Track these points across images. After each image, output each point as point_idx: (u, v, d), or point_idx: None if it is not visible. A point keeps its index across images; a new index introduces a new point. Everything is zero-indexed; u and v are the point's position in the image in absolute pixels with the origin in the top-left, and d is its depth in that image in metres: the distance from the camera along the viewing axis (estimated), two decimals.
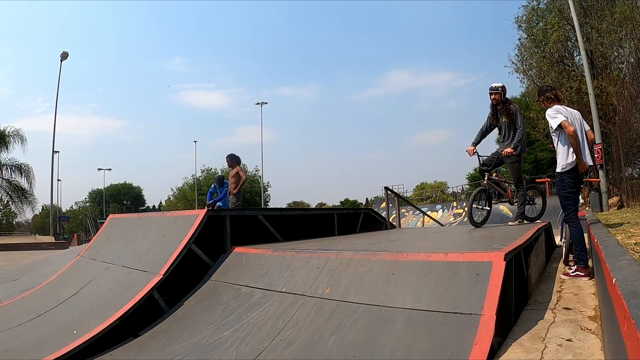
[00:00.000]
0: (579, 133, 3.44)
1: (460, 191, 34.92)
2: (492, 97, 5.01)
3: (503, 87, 5.01)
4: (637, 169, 11.74)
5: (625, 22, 15.38)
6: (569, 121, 3.39)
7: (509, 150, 4.79)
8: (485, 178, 4.99)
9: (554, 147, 3.60)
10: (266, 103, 44.14)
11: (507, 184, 5.47)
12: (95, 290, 3.87)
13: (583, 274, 3.43)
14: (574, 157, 3.39)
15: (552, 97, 3.62)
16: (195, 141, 48.82)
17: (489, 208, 5.11)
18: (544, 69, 19.38)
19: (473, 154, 5.05)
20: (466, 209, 5.44)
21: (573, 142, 3.34)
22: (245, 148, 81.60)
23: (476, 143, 5.13)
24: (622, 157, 11.94)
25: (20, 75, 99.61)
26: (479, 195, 5.09)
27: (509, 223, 5.35)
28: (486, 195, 5.05)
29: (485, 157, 5.09)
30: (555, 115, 3.41)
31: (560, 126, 3.39)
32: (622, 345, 1.18)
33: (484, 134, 5.20)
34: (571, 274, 3.50)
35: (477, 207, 5.02)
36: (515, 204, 5.23)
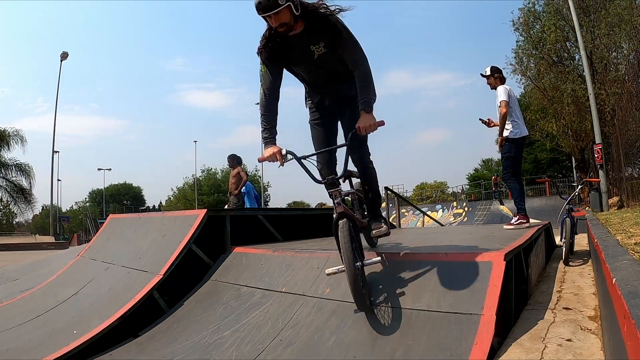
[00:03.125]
0: (517, 111, 4.39)
1: (460, 191, 34.94)
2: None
3: None
4: (637, 169, 11.71)
5: (620, 24, 15.39)
6: (509, 103, 4.29)
7: (372, 122, 2.34)
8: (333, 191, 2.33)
9: (498, 116, 4.42)
10: None
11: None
12: (95, 290, 3.87)
13: (525, 220, 4.30)
14: (517, 130, 4.34)
15: (503, 77, 4.56)
16: (195, 141, 48.85)
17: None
18: (542, 70, 19.35)
19: (283, 160, 2.33)
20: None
21: (501, 121, 4.34)
22: (246, 148, 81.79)
23: (274, 135, 2.43)
24: (622, 157, 11.93)
25: (20, 75, 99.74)
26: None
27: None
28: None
29: (319, 155, 2.59)
30: (504, 94, 4.31)
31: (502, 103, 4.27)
32: (622, 345, 1.18)
33: (273, 104, 2.47)
34: (515, 223, 4.29)
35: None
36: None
